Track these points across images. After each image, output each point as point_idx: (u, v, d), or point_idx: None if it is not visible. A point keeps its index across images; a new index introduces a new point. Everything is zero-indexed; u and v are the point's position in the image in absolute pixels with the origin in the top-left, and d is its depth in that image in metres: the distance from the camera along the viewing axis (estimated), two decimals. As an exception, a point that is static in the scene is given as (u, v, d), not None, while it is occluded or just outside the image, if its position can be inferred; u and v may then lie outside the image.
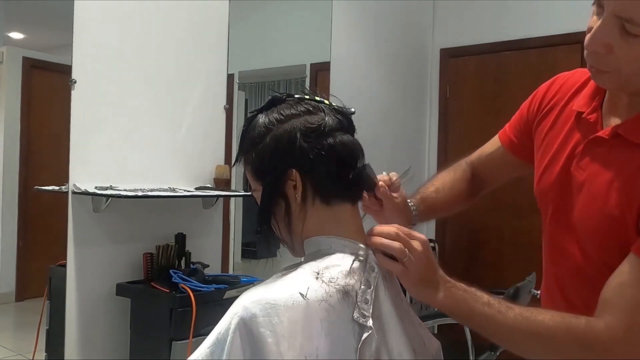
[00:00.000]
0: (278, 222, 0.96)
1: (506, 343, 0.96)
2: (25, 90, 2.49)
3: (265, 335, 0.80)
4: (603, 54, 0.94)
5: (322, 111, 0.94)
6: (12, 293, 2.55)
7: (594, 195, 1.03)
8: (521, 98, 1.34)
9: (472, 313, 0.93)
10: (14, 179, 2.49)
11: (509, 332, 0.93)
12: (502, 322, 0.92)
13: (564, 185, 1.10)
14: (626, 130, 1.00)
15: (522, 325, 0.92)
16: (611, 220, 0.98)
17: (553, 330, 0.92)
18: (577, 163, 1.07)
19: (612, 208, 0.98)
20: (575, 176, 1.07)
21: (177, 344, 2.16)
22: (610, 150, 1.02)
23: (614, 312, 0.91)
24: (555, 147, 1.14)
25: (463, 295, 0.93)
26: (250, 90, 3.32)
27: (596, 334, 0.90)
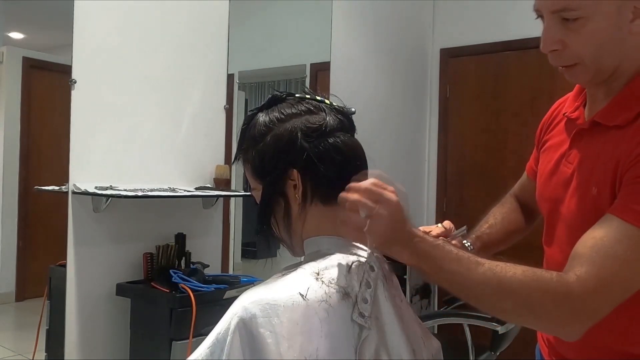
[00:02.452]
0: (278, 222, 0.96)
1: (475, 300, 0.93)
2: (25, 90, 2.49)
3: (265, 335, 0.80)
4: (560, 50, 1.01)
5: (323, 111, 0.94)
6: (12, 293, 2.54)
7: (579, 183, 1.05)
8: (521, 98, 1.36)
9: (440, 270, 0.91)
10: (14, 179, 2.49)
11: (478, 289, 0.91)
12: (470, 278, 0.90)
13: (556, 184, 1.13)
14: (602, 116, 1.04)
15: (491, 281, 0.90)
16: (592, 202, 1.00)
17: (523, 285, 0.89)
18: (565, 159, 1.11)
19: (593, 189, 1.00)
20: (564, 172, 1.10)
21: (177, 344, 2.16)
22: (591, 139, 1.06)
23: (585, 264, 0.90)
24: (551, 154, 1.18)
25: (431, 251, 0.90)
26: (250, 90, 3.32)
27: (567, 287, 0.89)
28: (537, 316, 0.91)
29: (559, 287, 0.89)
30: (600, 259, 0.90)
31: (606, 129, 1.03)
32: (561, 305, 0.89)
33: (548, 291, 0.89)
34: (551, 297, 0.89)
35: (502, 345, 2.72)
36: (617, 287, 0.91)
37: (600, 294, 0.89)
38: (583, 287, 0.89)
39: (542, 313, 0.90)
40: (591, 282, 0.89)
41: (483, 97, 4.17)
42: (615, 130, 1.01)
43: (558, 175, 1.13)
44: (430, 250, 0.90)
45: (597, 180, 1.00)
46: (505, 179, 3.97)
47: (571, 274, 0.90)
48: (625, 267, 0.90)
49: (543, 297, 0.89)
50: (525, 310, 0.91)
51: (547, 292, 0.89)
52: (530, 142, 1.41)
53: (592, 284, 0.89)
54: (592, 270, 0.89)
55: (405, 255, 0.90)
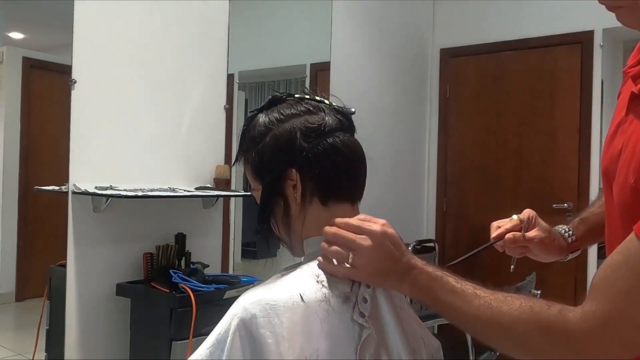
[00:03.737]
0: (278, 222, 0.96)
1: (474, 333, 0.90)
2: (25, 90, 2.49)
3: (265, 336, 0.80)
4: None
5: (323, 111, 0.94)
6: (12, 293, 2.54)
7: (622, 164, 0.90)
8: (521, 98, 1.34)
9: (437, 302, 0.88)
10: (14, 179, 2.49)
11: (474, 323, 0.86)
12: (466, 312, 0.86)
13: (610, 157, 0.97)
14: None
15: (486, 316, 0.84)
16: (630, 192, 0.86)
17: (518, 322, 0.81)
18: (621, 127, 0.94)
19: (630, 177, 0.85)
20: (617, 145, 0.94)
21: (177, 344, 2.16)
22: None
23: (595, 299, 0.77)
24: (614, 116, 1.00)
25: (429, 284, 0.87)
26: (250, 90, 3.32)
27: (566, 325, 0.77)
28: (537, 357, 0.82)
29: (557, 326, 0.78)
30: (611, 293, 0.76)
31: None
32: (560, 347, 0.78)
33: (545, 330, 0.79)
34: (548, 337, 0.79)
35: (502, 345, 2.71)
36: (629, 325, 0.75)
37: (606, 333, 0.76)
38: (584, 326, 0.76)
39: (540, 355, 0.81)
40: (594, 320, 0.76)
41: (483, 97, 4.17)
42: None
43: (613, 147, 0.96)
44: (428, 283, 0.87)
45: (635, 168, 0.84)
46: (505, 179, 3.98)
47: (578, 309, 0.78)
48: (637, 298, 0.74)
49: (539, 336, 0.79)
50: (522, 350, 0.83)
51: (544, 332, 0.79)
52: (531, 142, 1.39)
53: (595, 322, 0.76)
54: (599, 306, 0.76)
55: (403, 288, 0.88)
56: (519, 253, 1.13)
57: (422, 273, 0.87)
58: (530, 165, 3.85)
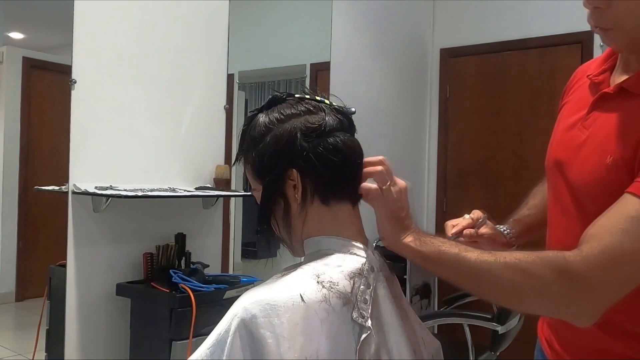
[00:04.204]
0: (278, 222, 0.96)
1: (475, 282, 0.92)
2: (25, 90, 2.49)
3: (265, 336, 0.80)
4: (604, 9, 0.95)
5: (323, 111, 0.94)
6: (12, 293, 2.54)
7: (593, 150, 1.01)
8: (521, 98, 1.36)
9: (439, 253, 0.93)
10: (14, 179, 2.49)
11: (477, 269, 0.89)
12: (468, 259, 0.90)
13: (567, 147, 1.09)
14: (631, 83, 1.00)
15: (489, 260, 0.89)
16: (605, 172, 0.96)
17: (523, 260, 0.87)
18: (581, 124, 1.07)
19: (608, 158, 0.96)
20: (577, 136, 1.07)
21: (177, 344, 2.16)
22: (614, 106, 1.01)
23: (592, 241, 0.85)
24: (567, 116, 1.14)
25: (431, 239, 0.95)
26: (250, 90, 3.32)
27: (568, 262, 0.84)
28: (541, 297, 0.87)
29: (561, 264, 0.85)
30: (608, 234, 0.84)
31: (632, 96, 0.98)
32: (563, 283, 0.84)
33: (549, 268, 0.85)
34: (553, 274, 0.85)
35: (502, 345, 2.72)
36: (626, 263, 0.84)
37: (606, 269, 0.83)
38: (586, 263, 0.83)
39: (545, 293, 0.86)
40: (595, 257, 0.83)
41: (483, 97, 4.17)
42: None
43: (570, 138, 1.08)
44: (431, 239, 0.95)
45: (613, 150, 0.96)
46: (505, 179, 3.98)
47: (576, 251, 0.86)
48: (637, 243, 0.83)
49: (544, 274, 0.85)
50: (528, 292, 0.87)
51: (548, 270, 0.85)
52: (531, 142, 1.41)
53: (595, 259, 0.83)
54: (598, 246, 0.84)
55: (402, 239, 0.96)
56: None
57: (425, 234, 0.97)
58: (530, 165, 3.85)
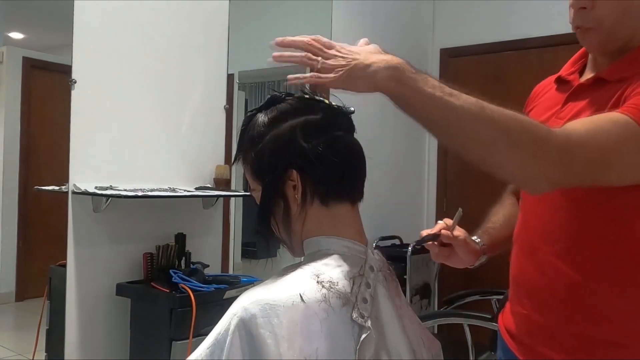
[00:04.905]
0: (277, 222, 0.96)
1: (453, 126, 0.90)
2: (25, 90, 2.49)
3: (264, 336, 0.80)
4: (588, 10, 1.05)
5: (322, 111, 0.94)
6: (12, 293, 2.54)
7: None
8: (521, 98, 1.37)
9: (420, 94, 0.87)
10: (14, 179, 2.49)
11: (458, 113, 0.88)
12: (452, 102, 0.87)
13: None
14: (607, 73, 1.08)
15: (473, 108, 0.88)
16: None
17: (507, 117, 0.89)
18: (556, 116, 1.13)
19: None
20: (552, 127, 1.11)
21: (177, 344, 2.16)
22: (591, 94, 1.08)
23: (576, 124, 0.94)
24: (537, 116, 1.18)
25: (412, 75, 0.87)
26: (250, 90, 3.32)
27: (550, 131, 0.90)
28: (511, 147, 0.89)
29: (542, 129, 0.90)
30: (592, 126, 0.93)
31: (608, 83, 1.06)
32: (540, 143, 0.89)
33: (530, 128, 0.90)
34: (531, 133, 0.89)
35: (502, 345, 2.72)
36: (597, 154, 0.92)
37: (579, 149, 0.90)
38: (565, 137, 0.90)
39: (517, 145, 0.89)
40: (574, 136, 0.91)
41: (483, 97, 4.16)
42: (618, 83, 1.04)
43: None
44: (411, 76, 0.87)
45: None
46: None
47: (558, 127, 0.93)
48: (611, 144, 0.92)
49: (523, 131, 0.89)
50: (501, 140, 0.89)
51: (529, 129, 0.90)
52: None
53: (574, 137, 0.91)
54: (580, 130, 0.92)
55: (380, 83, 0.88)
56: (443, 257, 1.19)
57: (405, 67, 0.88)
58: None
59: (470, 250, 1.19)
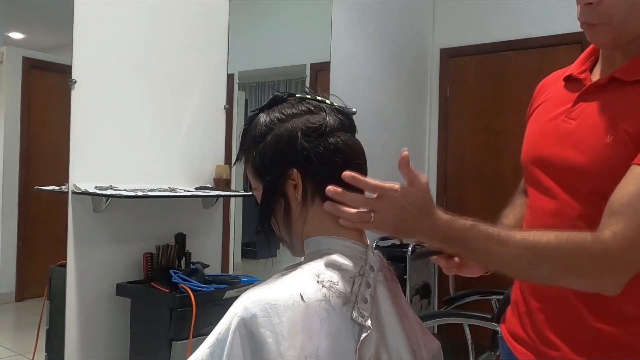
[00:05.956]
0: (278, 221, 0.96)
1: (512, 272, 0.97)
2: (25, 90, 2.49)
3: (265, 335, 0.80)
4: (595, 5, 1.02)
5: (324, 111, 0.95)
6: (12, 293, 2.54)
7: (588, 135, 1.05)
8: (521, 98, 1.37)
9: (473, 251, 0.94)
10: (14, 179, 2.49)
11: (513, 262, 0.94)
12: (505, 253, 0.93)
13: (553, 140, 1.13)
14: (622, 72, 1.05)
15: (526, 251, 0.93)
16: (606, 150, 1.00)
17: (559, 248, 0.92)
18: (566, 116, 1.11)
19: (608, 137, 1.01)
20: (563, 127, 1.11)
21: (177, 344, 2.16)
22: (606, 95, 1.06)
23: (621, 222, 0.92)
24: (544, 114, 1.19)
25: (461, 236, 0.93)
26: (250, 90, 3.32)
27: (603, 244, 0.91)
28: (575, 275, 0.94)
29: (595, 245, 0.92)
30: (635, 214, 0.92)
31: (623, 84, 1.04)
32: (597, 262, 0.92)
33: (584, 250, 0.92)
34: (587, 255, 0.92)
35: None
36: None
37: (636, 248, 0.91)
38: (619, 243, 0.91)
39: (580, 271, 0.93)
40: (627, 239, 0.91)
41: (483, 97, 4.17)
42: (634, 85, 1.02)
43: (554, 130, 1.13)
44: (461, 236, 0.93)
45: (613, 129, 1.01)
46: (505, 179, 3.98)
47: (607, 231, 0.92)
48: None
49: (579, 256, 0.92)
50: (563, 272, 0.94)
51: (583, 251, 0.92)
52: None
53: (628, 240, 0.91)
54: (627, 226, 0.91)
55: (435, 243, 0.95)
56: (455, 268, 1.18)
57: (451, 227, 0.93)
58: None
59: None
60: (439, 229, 0.92)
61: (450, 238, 0.93)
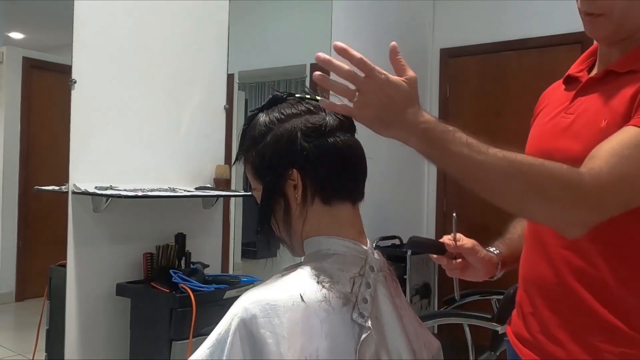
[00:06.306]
0: (278, 221, 0.96)
1: (483, 182, 0.92)
2: (25, 90, 2.49)
3: (265, 336, 0.80)
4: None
5: (323, 110, 0.95)
6: (12, 293, 2.55)
7: (584, 124, 1.06)
8: (521, 98, 1.38)
9: (448, 153, 0.89)
10: (14, 179, 2.49)
11: (487, 170, 0.89)
12: (480, 160, 0.88)
13: (551, 135, 1.14)
14: (617, 65, 1.07)
15: (501, 162, 0.89)
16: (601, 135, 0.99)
17: (534, 167, 0.90)
18: (564, 112, 1.12)
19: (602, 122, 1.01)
20: (561, 123, 1.12)
21: (177, 344, 2.16)
22: (601, 87, 1.08)
23: (598, 162, 0.92)
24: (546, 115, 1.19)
25: (440, 135, 0.88)
26: (250, 90, 3.32)
27: (579, 175, 0.90)
28: (544, 199, 0.91)
29: (571, 174, 0.90)
30: (614, 159, 0.91)
31: (618, 76, 1.05)
32: (570, 191, 0.89)
33: (559, 177, 0.90)
34: (561, 182, 0.90)
35: (502, 345, 2.72)
36: (628, 187, 0.92)
37: (610, 188, 0.90)
38: (594, 179, 0.90)
39: (550, 196, 0.90)
40: (603, 176, 0.90)
41: (483, 97, 4.17)
42: (629, 75, 1.04)
43: (553, 126, 1.14)
44: (440, 135, 0.88)
45: (607, 114, 1.02)
46: (505, 179, 3.98)
47: (584, 168, 0.92)
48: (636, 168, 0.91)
49: (553, 181, 0.90)
50: (532, 193, 0.91)
51: (558, 177, 0.90)
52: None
53: (603, 178, 0.90)
54: (605, 167, 0.91)
55: (411, 141, 0.89)
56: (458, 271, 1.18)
57: (433, 126, 0.89)
58: (530, 165, 3.84)
59: (483, 259, 1.18)
60: (420, 124, 0.87)
61: (429, 137, 0.88)
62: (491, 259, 1.20)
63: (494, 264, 1.21)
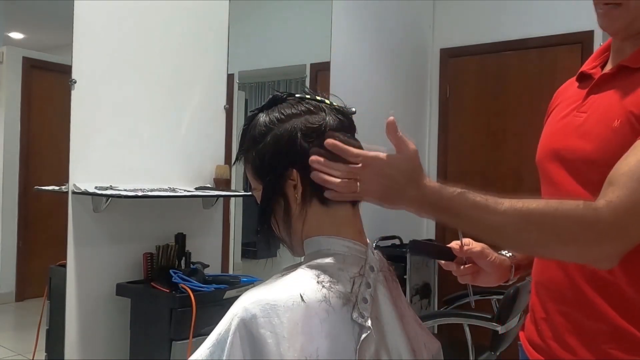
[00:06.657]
0: (278, 221, 0.96)
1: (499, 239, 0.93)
2: (25, 90, 2.49)
3: (265, 336, 0.80)
4: None
5: (323, 111, 0.94)
6: (12, 293, 2.54)
7: (596, 122, 1.05)
8: (521, 98, 1.37)
9: (459, 218, 0.90)
10: (14, 179, 2.49)
11: (501, 229, 0.89)
12: (492, 220, 0.89)
13: (563, 134, 1.12)
14: (630, 60, 1.06)
15: (514, 218, 0.89)
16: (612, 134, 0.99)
17: (548, 214, 0.89)
18: (577, 111, 1.11)
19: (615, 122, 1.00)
20: (573, 121, 1.11)
21: (177, 344, 2.16)
22: (614, 84, 1.06)
23: (617, 190, 0.89)
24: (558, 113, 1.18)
25: (448, 204, 0.89)
26: (250, 90, 3.32)
27: (595, 210, 0.88)
28: (563, 243, 0.90)
29: (586, 212, 0.88)
30: (632, 182, 0.88)
31: (632, 71, 1.04)
32: (588, 230, 0.88)
33: (574, 218, 0.88)
34: (577, 223, 0.88)
35: (502, 345, 2.72)
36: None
37: (630, 216, 0.87)
38: (612, 210, 0.87)
39: (569, 239, 0.89)
40: (621, 205, 0.87)
41: (483, 97, 4.17)
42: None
43: (566, 125, 1.13)
44: (448, 204, 0.89)
45: (620, 114, 1.00)
46: (505, 179, 3.98)
47: (601, 200, 0.89)
48: None
49: (569, 224, 0.88)
50: (552, 239, 0.90)
51: (573, 219, 0.88)
52: (530, 143, 1.41)
53: (622, 206, 0.87)
54: (623, 194, 0.88)
55: (421, 213, 0.91)
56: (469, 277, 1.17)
57: (437, 196, 0.89)
58: (531, 165, 3.84)
59: (494, 262, 1.16)
60: (426, 197, 0.88)
61: (438, 206, 0.89)
62: (503, 262, 1.18)
63: (506, 267, 1.19)
